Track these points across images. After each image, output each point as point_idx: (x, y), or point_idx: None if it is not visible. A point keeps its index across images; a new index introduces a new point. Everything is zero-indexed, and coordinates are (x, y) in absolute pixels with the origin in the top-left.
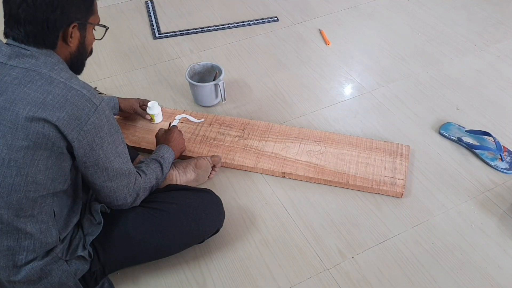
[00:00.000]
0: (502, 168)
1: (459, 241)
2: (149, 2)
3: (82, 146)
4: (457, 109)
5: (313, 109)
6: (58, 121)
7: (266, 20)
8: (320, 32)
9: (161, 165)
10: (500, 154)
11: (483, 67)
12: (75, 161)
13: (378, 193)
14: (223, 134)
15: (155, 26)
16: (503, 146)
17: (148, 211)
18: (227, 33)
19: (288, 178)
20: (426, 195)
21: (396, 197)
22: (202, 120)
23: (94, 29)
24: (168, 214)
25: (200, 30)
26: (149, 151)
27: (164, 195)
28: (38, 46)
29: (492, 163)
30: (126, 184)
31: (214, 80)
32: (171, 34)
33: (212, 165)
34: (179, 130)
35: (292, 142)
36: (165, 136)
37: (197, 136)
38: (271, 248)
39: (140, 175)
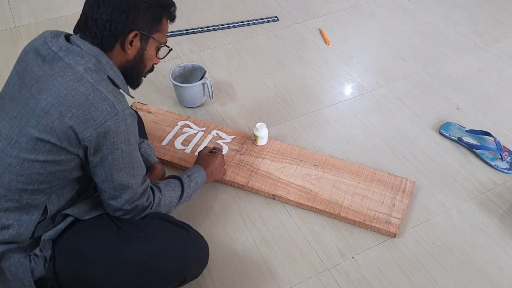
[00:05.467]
0: (502, 168)
1: (459, 241)
2: None
3: (93, 146)
4: (457, 109)
5: (313, 109)
6: (72, 118)
7: (266, 20)
8: (320, 32)
9: (182, 184)
10: (500, 154)
11: (483, 67)
12: (84, 162)
13: (370, 230)
14: (221, 146)
15: None
16: (504, 146)
17: (113, 230)
18: (227, 33)
19: (279, 201)
20: (426, 195)
21: (389, 236)
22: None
23: (159, 50)
24: (129, 239)
25: (200, 30)
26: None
27: (144, 219)
28: (96, 45)
29: (493, 163)
30: (128, 198)
31: (201, 79)
32: (171, 34)
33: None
34: (223, 155)
35: (289, 163)
36: (206, 158)
37: (194, 145)
38: (271, 248)
39: (154, 191)
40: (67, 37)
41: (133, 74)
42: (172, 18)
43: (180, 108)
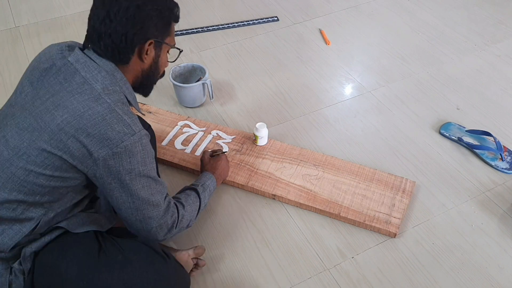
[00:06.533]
0: (502, 168)
1: (459, 241)
2: None
3: (109, 167)
4: (457, 109)
5: (313, 109)
6: (88, 137)
7: (266, 20)
8: (320, 32)
9: (199, 196)
10: (500, 154)
11: (483, 67)
12: (90, 182)
13: (370, 230)
14: (221, 146)
15: None
16: (504, 146)
17: (94, 250)
18: (227, 33)
19: (279, 201)
20: (426, 195)
21: (389, 236)
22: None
23: (168, 52)
24: (107, 263)
25: (200, 30)
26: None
27: (128, 241)
28: (112, 60)
29: (493, 163)
30: (155, 216)
31: (198, 81)
32: None
33: (194, 258)
34: (226, 157)
35: (289, 163)
36: (212, 163)
37: (194, 144)
38: (271, 248)
39: (177, 208)
40: (82, 49)
41: (148, 82)
42: (176, 19)
43: (180, 108)
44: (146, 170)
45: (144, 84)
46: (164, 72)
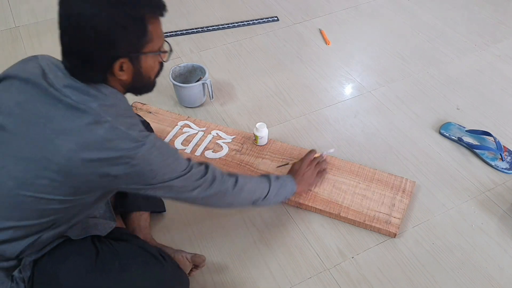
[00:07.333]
0: (502, 168)
1: (459, 241)
2: None
3: (132, 178)
4: (457, 109)
5: (313, 109)
6: (99, 162)
7: (266, 20)
8: (320, 32)
9: (269, 180)
10: (500, 154)
11: (483, 67)
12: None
13: (370, 230)
14: (221, 147)
15: None
16: (504, 146)
17: (91, 256)
18: (227, 33)
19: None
20: (426, 195)
21: (389, 236)
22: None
23: (160, 54)
24: (104, 270)
25: (200, 30)
26: None
27: (125, 246)
28: (85, 82)
29: (493, 163)
30: (206, 178)
31: (197, 81)
32: (171, 34)
33: (192, 265)
34: (318, 164)
35: (289, 164)
36: (299, 165)
37: (194, 144)
38: (271, 248)
39: (223, 175)
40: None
41: (140, 88)
42: (160, 13)
43: (180, 108)
44: (165, 163)
45: (134, 89)
46: (161, 67)
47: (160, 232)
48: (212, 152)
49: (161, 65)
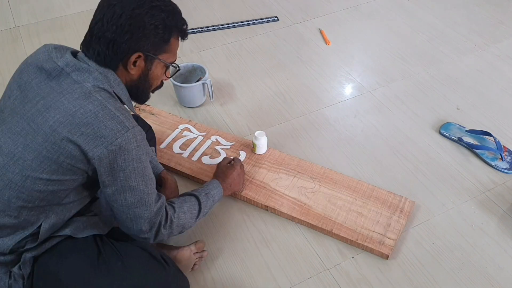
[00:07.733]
0: (502, 168)
1: (459, 241)
2: None
3: (103, 165)
4: (457, 109)
5: (313, 109)
6: (81, 136)
7: (266, 20)
8: (320, 32)
9: (200, 204)
10: (500, 154)
11: (483, 67)
12: (92, 179)
13: (363, 249)
14: (219, 153)
15: None
16: (504, 146)
17: (93, 256)
18: (227, 33)
19: (271, 212)
20: (426, 195)
21: (381, 257)
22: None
23: (167, 68)
24: (106, 270)
25: (200, 30)
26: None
27: (126, 246)
28: (99, 64)
29: (493, 163)
30: (146, 217)
31: (197, 81)
32: None
33: (196, 252)
34: (241, 167)
35: (286, 174)
36: (224, 170)
37: (192, 149)
38: (271, 248)
39: (167, 211)
40: (74, 53)
41: (138, 92)
42: (183, 36)
43: (180, 108)
44: (141, 167)
45: (134, 92)
46: (162, 84)
47: None
48: (209, 158)
49: (161, 82)
